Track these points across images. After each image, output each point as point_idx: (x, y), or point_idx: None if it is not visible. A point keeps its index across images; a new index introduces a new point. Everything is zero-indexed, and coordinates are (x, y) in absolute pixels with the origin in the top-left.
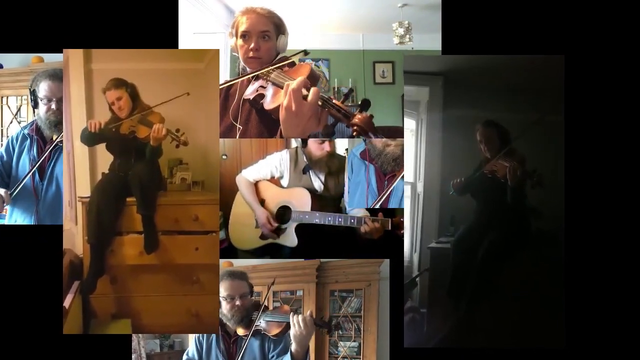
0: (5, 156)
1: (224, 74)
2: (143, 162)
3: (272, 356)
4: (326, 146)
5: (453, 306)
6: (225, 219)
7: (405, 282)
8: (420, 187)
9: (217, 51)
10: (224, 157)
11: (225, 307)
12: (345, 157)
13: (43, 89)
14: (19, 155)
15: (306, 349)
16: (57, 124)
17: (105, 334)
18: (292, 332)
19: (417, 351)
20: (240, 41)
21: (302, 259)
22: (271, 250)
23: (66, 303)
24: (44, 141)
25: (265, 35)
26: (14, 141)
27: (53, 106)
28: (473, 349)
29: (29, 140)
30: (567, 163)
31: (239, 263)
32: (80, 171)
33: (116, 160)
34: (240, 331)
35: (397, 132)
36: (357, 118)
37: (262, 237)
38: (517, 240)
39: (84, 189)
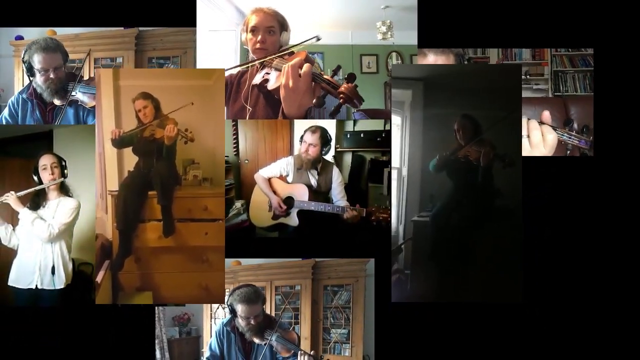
0: (11, 121)
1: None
2: (162, 162)
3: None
4: (308, 149)
5: (432, 268)
6: (247, 204)
7: (393, 249)
8: (405, 171)
9: (222, 70)
10: (246, 161)
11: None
12: (332, 162)
13: (38, 61)
14: (23, 118)
15: None
16: (57, 91)
17: (131, 303)
18: None
19: (402, 305)
20: (249, 35)
21: (300, 259)
22: (280, 228)
23: (98, 278)
24: (44, 104)
25: (270, 30)
26: (15, 105)
27: (51, 75)
28: (448, 303)
29: (29, 104)
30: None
31: (246, 262)
32: (109, 169)
33: (140, 160)
34: (256, 340)
35: (380, 114)
36: (344, 87)
37: (274, 217)
38: (483, 215)
39: (113, 184)
